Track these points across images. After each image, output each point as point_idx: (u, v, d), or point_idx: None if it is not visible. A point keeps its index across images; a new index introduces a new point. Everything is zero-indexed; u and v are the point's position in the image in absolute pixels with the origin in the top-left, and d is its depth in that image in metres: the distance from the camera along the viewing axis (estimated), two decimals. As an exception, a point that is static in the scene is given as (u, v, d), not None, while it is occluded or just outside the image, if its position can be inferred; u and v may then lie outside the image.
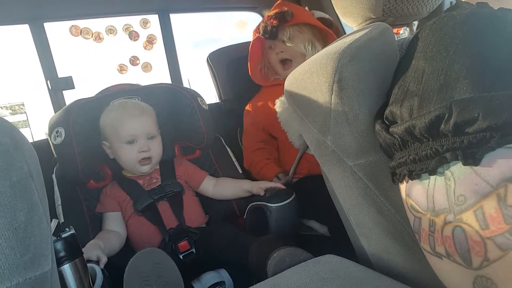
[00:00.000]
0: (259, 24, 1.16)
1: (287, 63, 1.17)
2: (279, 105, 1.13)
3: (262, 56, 1.24)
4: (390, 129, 0.40)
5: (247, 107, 1.28)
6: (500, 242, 0.29)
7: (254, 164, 1.21)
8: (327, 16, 1.23)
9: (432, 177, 0.35)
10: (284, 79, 1.17)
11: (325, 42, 1.15)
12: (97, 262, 0.71)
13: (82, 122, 0.95)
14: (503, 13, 0.35)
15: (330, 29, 1.17)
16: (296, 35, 1.13)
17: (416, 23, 0.71)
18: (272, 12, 1.14)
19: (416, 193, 0.38)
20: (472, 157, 0.31)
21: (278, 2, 1.21)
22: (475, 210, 0.31)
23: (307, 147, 1.12)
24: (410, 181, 0.39)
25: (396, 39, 0.54)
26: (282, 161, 1.24)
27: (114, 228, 0.90)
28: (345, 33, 1.38)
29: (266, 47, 1.22)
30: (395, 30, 0.61)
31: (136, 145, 0.92)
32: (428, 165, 0.35)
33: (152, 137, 0.96)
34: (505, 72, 0.32)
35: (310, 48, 1.13)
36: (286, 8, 1.13)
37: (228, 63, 1.38)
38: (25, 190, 0.34)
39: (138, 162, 0.94)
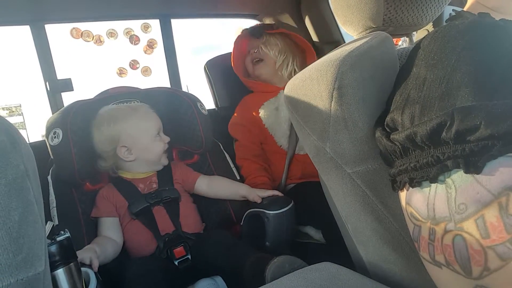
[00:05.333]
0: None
1: (258, 64, 1.29)
2: (263, 112, 1.20)
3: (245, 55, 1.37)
4: (391, 136, 0.40)
5: (235, 122, 1.28)
6: (500, 252, 0.29)
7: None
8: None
9: (433, 185, 0.35)
10: (255, 80, 1.27)
11: (300, 58, 1.32)
12: (90, 266, 0.70)
13: (80, 123, 0.94)
14: (504, 23, 0.35)
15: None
16: (271, 41, 1.28)
17: (415, 33, 0.72)
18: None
19: (417, 201, 0.37)
20: (473, 165, 0.31)
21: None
22: (476, 219, 0.30)
23: (295, 148, 1.17)
24: (410, 188, 0.38)
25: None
26: (272, 170, 1.24)
27: (111, 235, 0.88)
28: (344, 42, 1.41)
29: (248, 50, 1.34)
30: (394, 41, 0.61)
31: (161, 137, 0.98)
32: (429, 172, 0.35)
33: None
34: (507, 81, 0.32)
35: (280, 57, 1.27)
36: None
37: (224, 70, 1.38)
38: (20, 189, 0.33)
39: (164, 153, 0.99)
